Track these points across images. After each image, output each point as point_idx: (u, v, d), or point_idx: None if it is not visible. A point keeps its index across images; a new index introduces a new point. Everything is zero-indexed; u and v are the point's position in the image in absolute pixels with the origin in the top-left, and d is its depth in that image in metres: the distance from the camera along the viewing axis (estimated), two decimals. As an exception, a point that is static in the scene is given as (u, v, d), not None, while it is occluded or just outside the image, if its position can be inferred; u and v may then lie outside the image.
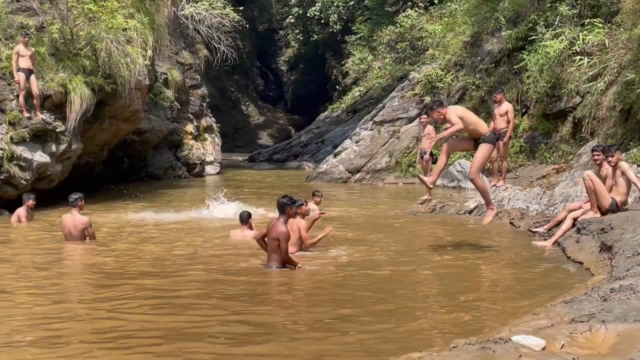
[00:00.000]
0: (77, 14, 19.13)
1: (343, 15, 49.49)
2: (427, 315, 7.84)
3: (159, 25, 22.91)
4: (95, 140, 21.63)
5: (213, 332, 7.14)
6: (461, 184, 22.92)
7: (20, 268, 10.68)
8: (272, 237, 10.03)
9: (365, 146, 27.43)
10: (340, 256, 11.42)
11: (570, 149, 21.30)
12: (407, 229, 14.99)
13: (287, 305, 8.47)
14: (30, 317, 7.77)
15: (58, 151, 18.57)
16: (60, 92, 18.39)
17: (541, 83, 22.56)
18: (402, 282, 9.77)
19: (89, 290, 9.35)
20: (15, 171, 17.15)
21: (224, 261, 11.11)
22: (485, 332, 6.55)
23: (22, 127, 17.56)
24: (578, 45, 21.88)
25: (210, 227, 15.08)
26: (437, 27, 33.55)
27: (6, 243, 13.12)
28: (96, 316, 7.77)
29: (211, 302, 8.49)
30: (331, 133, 40.44)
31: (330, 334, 7.15)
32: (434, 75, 27.41)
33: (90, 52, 19.53)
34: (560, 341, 5.60)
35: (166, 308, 8.21)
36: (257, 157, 44.05)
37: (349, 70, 47.28)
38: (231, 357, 6.47)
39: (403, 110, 27.58)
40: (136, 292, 8.91)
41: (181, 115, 31.56)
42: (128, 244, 12.85)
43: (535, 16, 24.13)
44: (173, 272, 10.30)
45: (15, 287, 9.36)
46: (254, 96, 66.23)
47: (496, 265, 10.89)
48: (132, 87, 20.46)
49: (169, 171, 30.17)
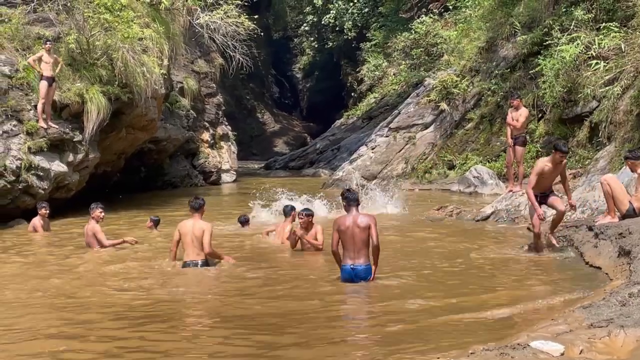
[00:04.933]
0: (93, 24, 19.28)
1: (358, 23, 49.55)
2: (444, 319, 7.78)
3: (175, 34, 23.03)
4: (112, 149, 21.81)
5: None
6: (477, 190, 22.82)
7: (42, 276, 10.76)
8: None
9: (381, 153, 27.44)
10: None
11: (587, 153, 21.16)
12: (425, 233, 14.96)
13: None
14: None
15: (75, 160, 18.73)
16: (77, 101, 18.57)
17: (557, 88, 22.42)
18: (419, 285, 9.74)
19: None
20: (33, 181, 17.29)
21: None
22: (504, 338, 6.50)
23: (40, 136, 17.72)
24: (594, 49, 21.71)
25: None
26: (452, 33, 33.52)
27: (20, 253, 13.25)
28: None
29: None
30: (347, 140, 40.51)
31: (346, 336, 7.19)
32: (450, 81, 27.37)
33: (106, 61, 19.71)
34: (579, 346, 5.58)
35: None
36: (273, 164, 44.17)
37: (364, 77, 47.40)
38: None
39: (419, 117, 27.59)
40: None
41: (197, 124, 31.75)
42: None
43: (551, 21, 24.01)
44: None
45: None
46: (269, 104, 66.44)
47: (514, 270, 10.82)
48: (148, 96, 20.61)
49: (186, 179, 30.36)
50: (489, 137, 25.83)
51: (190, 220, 11.43)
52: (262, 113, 62.50)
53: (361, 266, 9.53)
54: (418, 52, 38.59)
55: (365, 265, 9.54)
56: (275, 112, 65.52)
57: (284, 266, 11.82)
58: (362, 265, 9.53)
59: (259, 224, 16.39)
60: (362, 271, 9.54)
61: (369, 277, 9.57)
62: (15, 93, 17.86)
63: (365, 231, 9.48)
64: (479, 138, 26.09)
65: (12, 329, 7.66)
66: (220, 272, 11.10)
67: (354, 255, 9.51)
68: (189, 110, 30.36)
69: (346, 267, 9.58)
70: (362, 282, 9.52)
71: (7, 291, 9.79)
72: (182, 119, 29.71)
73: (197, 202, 11.58)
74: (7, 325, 7.88)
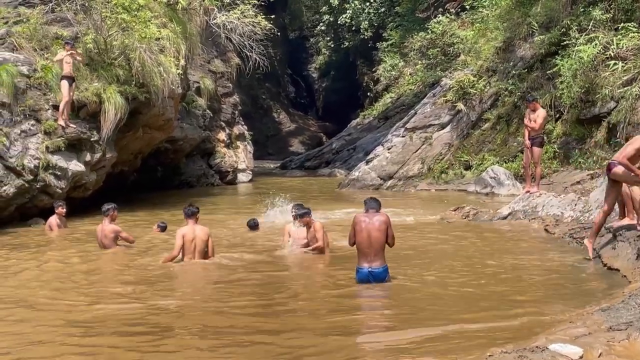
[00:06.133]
0: (111, 24, 19.43)
1: (374, 22, 49.55)
2: (463, 320, 7.77)
3: (192, 34, 23.13)
4: (129, 148, 21.96)
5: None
6: (494, 190, 22.80)
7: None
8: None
9: (397, 153, 27.40)
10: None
11: (605, 154, 21.05)
12: (444, 235, 14.94)
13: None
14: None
15: (93, 160, 18.88)
16: (94, 101, 18.71)
17: (575, 88, 22.36)
18: (437, 287, 9.75)
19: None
20: (50, 180, 17.46)
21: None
22: (522, 340, 6.48)
23: (58, 136, 17.86)
24: (612, 49, 21.68)
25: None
26: (468, 33, 33.50)
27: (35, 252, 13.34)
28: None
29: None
30: (363, 140, 40.56)
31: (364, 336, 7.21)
32: (466, 81, 27.27)
33: (123, 61, 19.86)
34: (598, 350, 5.59)
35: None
36: (289, 164, 44.31)
37: (380, 77, 47.44)
38: None
39: (435, 117, 27.53)
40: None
41: (213, 124, 31.88)
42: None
43: (568, 21, 23.93)
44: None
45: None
46: (285, 103, 66.58)
47: (531, 271, 10.79)
48: (165, 96, 20.71)
49: (202, 179, 30.54)
50: (505, 137, 25.78)
51: (191, 227, 11.67)
52: (278, 112, 62.64)
53: (379, 269, 9.55)
54: (434, 52, 38.54)
55: (382, 267, 9.57)
56: (291, 112, 65.64)
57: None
58: (380, 267, 9.55)
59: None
60: (380, 273, 9.56)
61: (386, 278, 9.58)
62: (34, 92, 18.03)
63: (381, 232, 9.49)
64: (495, 138, 26.04)
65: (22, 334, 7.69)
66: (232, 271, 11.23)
67: (371, 259, 9.53)
68: (205, 109, 30.52)
69: (363, 271, 9.58)
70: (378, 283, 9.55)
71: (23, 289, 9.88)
72: (198, 118, 29.86)
73: (190, 209, 11.85)
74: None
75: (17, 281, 10.58)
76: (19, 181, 16.69)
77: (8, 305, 8.88)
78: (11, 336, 7.45)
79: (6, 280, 10.65)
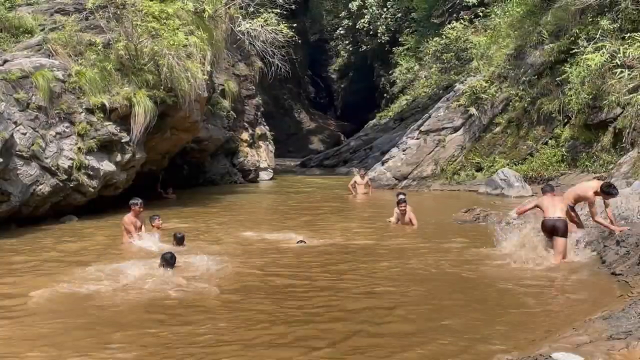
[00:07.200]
0: (142, 32, 19.91)
1: (391, 27, 50.27)
2: (466, 325, 7.94)
3: (217, 40, 23.48)
4: (157, 149, 22.39)
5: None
6: (504, 192, 23.19)
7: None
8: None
9: (411, 154, 27.95)
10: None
11: (611, 158, 21.66)
12: (448, 237, 15.08)
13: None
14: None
15: (123, 160, 19.48)
16: (125, 105, 19.19)
17: (582, 95, 22.87)
18: (441, 292, 9.97)
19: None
20: (83, 179, 18.17)
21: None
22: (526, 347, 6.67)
23: (90, 138, 18.46)
24: (619, 58, 22.17)
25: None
26: (481, 39, 33.81)
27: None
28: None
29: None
30: (379, 140, 41.09)
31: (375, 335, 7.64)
32: (479, 86, 27.68)
33: (153, 67, 20.23)
34: (598, 358, 5.73)
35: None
36: (309, 162, 44.88)
37: (396, 79, 48.07)
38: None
39: (448, 120, 28.00)
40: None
41: (237, 124, 32.39)
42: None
43: (577, 30, 24.44)
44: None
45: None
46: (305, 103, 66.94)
47: (536, 274, 10.90)
48: (192, 100, 21.13)
49: (226, 177, 31.25)
50: (516, 140, 26.21)
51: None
52: (299, 112, 63.00)
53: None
54: (448, 57, 38.86)
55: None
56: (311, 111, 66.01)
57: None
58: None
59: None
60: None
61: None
62: (68, 96, 18.38)
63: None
64: (506, 142, 26.49)
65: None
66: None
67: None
68: (229, 111, 30.99)
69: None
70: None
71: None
72: (222, 119, 30.39)
73: (168, 255, 11.28)
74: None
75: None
76: (53, 180, 17.23)
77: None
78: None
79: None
